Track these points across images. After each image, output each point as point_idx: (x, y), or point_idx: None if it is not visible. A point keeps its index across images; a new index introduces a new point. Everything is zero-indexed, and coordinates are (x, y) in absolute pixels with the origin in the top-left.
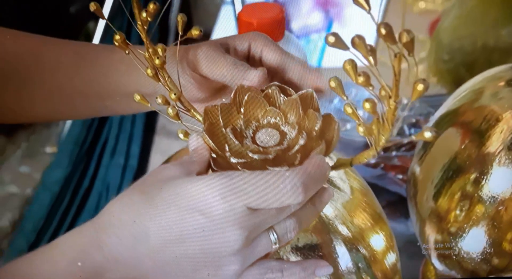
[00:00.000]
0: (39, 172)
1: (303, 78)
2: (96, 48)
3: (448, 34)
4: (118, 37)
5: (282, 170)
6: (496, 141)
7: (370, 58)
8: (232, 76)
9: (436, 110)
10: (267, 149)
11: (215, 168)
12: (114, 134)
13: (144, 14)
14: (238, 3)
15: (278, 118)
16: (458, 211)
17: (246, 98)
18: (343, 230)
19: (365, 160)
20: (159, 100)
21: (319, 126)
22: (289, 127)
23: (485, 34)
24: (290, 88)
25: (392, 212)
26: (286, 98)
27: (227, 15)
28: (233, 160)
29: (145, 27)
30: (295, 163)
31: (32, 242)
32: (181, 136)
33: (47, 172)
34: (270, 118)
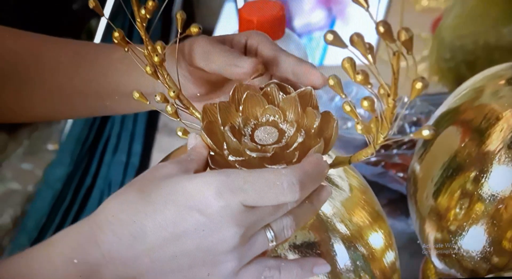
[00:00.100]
0: (40, 169)
1: (296, 73)
2: (96, 47)
3: (449, 32)
4: (117, 34)
5: (279, 168)
6: (496, 140)
7: (368, 56)
8: (225, 63)
9: (437, 109)
10: (265, 147)
11: (213, 166)
12: (116, 132)
13: (143, 11)
14: (240, 1)
15: (277, 116)
16: (458, 210)
17: (245, 96)
18: (341, 228)
19: (363, 158)
20: (158, 98)
21: (318, 124)
22: (287, 125)
23: (486, 33)
24: (289, 86)
25: (393, 210)
26: (284, 96)
27: (230, 13)
28: (231, 158)
29: (144, 24)
30: (293, 161)
31: (34, 239)
32: (179, 134)
33: (49, 169)
34: (268, 116)
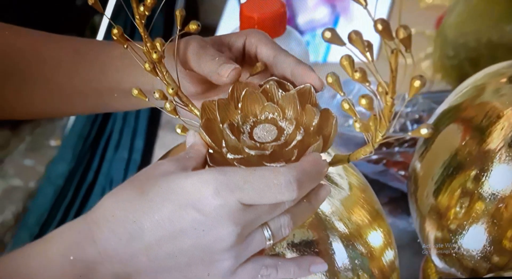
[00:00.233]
0: (43, 165)
1: (294, 74)
2: (96, 44)
3: (452, 30)
4: (116, 31)
5: (277, 167)
6: (496, 138)
7: (367, 54)
8: (209, 69)
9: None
10: (264, 145)
11: (212, 164)
12: (118, 128)
13: (141, 8)
14: None
15: (276, 114)
16: (458, 208)
17: (244, 93)
18: (340, 227)
19: (362, 156)
20: (156, 94)
21: (317, 122)
22: (286, 123)
23: (489, 30)
24: (288, 83)
25: (394, 208)
26: (284, 93)
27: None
28: (229, 156)
29: (142, 21)
30: (292, 159)
31: (35, 235)
32: (178, 131)
33: (51, 165)
34: (267, 113)
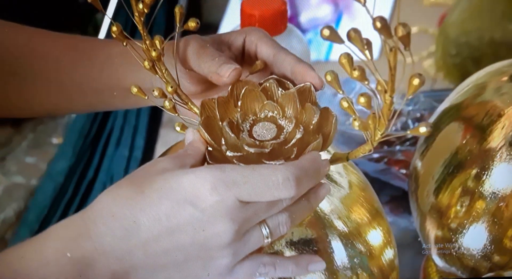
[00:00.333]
0: (45, 163)
1: (294, 73)
2: (96, 42)
3: (455, 28)
4: (115, 28)
5: (276, 164)
6: (497, 137)
7: (366, 52)
8: (208, 69)
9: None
10: (263, 143)
11: (211, 161)
12: (119, 125)
13: (140, 5)
14: None
15: (276, 112)
16: (459, 207)
17: (244, 91)
18: (339, 225)
19: (361, 154)
20: (155, 92)
21: (317, 120)
22: (286, 121)
23: (492, 29)
24: (288, 82)
25: (396, 207)
26: (283, 91)
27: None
28: (229, 154)
29: (141, 18)
30: (291, 157)
31: (35, 232)
32: (177, 129)
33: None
34: (267, 111)
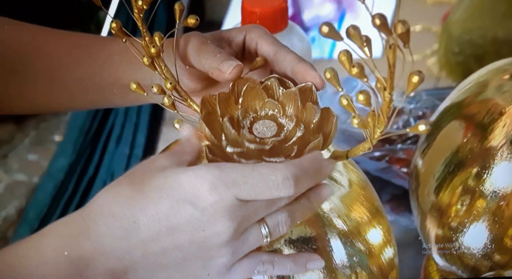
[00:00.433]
0: (47, 161)
1: (294, 72)
2: (96, 39)
3: (458, 26)
4: (114, 25)
5: (275, 163)
6: (498, 135)
7: (365, 49)
8: (210, 65)
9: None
10: (264, 140)
11: (211, 156)
12: (120, 123)
13: (140, 2)
14: None
15: (276, 110)
16: (459, 206)
17: (245, 88)
18: (339, 224)
19: (360, 152)
20: (154, 89)
21: (318, 119)
22: (286, 120)
23: (495, 27)
24: (289, 81)
25: (397, 206)
26: (285, 90)
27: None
28: (229, 149)
29: (141, 15)
30: (291, 155)
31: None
32: (177, 126)
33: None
34: (268, 110)
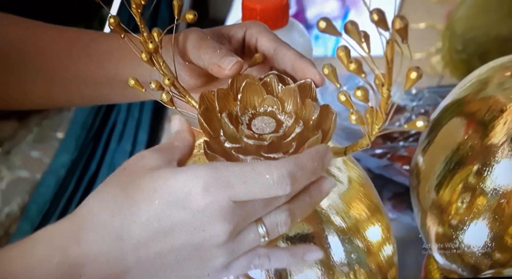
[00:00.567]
0: (49, 157)
1: (294, 68)
2: (95, 36)
3: (461, 24)
4: (112, 20)
5: (270, 160)
6: (499, 133)
7: (363, 45)
8: (209, 61)
9: None
10: (262, 136)
11: (208, 151)
12: (122, 119)
13: None
14: None
15: (275, 107)
16: (460, 204)
17: (244, 84)
18: (337, 221)
19: (359, 149)
20: (153, 85)
21: (317, 116)
22: (286, 116)
23: (498, 25)
24: (288, 78)
25: (398, 203)
26: (284, 87)
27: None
28: (227, 145)
29: (139, 10)
30: (290, 151)
31: (37, 226)
32: None
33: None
34: (267, 106)
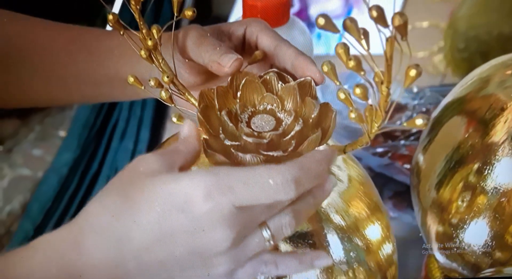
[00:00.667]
0: (51, 156)
1: (294, 66)
2: (95, 33)
3: (463, 22)
4: (111, 17)
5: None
6: (500, 131)
7: (362, 42)
8: (209, 59)
9: None
10: (262, 134)
11: (208, 149)
12: (124, 118)
13: None
14: None
15: (275, 105)
16: (460, 202)
17: (244, 81)
18: (336, 219)
19: (358, 147)
20: (152, 82)
21: (316, 114)
22: (285, 114)
23: (501, 23)
24: (288, 76)
25: (399, 202)
26: (283, 85)
27: None
28: (227, 143)
29: (138, 6)
30: (290, 149)
31: (38, 225)
32: (174, 119)
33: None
34: (266, 104)
